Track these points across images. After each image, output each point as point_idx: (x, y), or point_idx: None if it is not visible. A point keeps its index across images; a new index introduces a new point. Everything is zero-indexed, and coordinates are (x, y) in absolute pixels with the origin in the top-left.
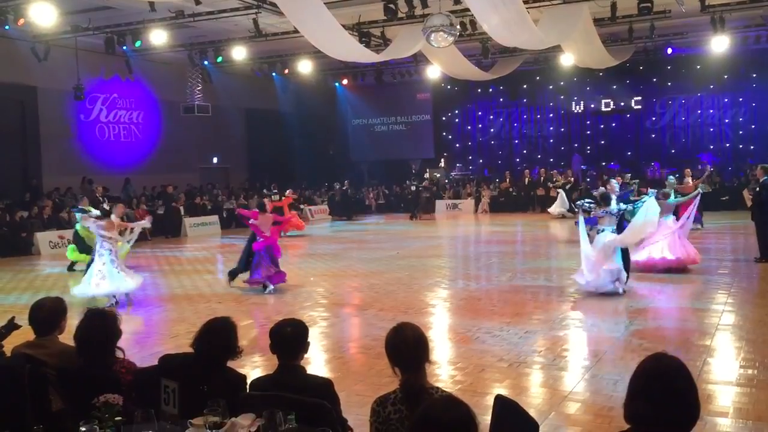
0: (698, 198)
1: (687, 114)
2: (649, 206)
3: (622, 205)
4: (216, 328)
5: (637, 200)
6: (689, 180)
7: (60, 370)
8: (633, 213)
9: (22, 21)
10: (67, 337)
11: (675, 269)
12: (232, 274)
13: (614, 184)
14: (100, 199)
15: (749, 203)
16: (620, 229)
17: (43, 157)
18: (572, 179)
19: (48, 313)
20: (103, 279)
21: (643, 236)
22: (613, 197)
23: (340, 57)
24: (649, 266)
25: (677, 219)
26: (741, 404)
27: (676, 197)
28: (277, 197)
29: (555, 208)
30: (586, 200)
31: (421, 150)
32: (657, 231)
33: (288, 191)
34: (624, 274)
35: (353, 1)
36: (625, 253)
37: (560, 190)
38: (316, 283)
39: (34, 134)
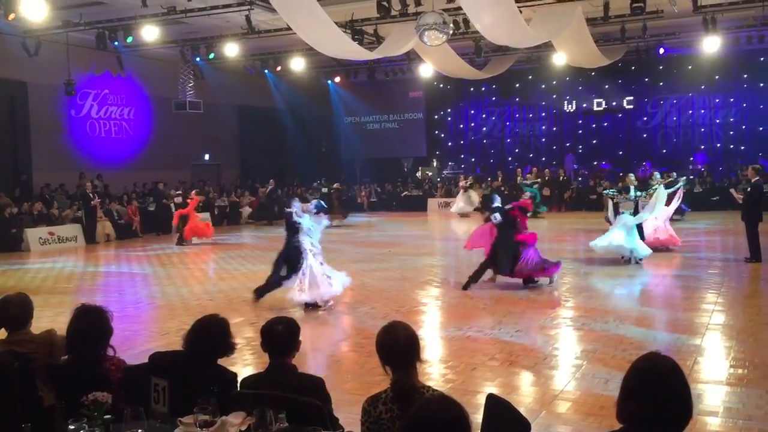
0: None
1: (678, 114)
2: (659, 193)
3: (639, 192)
4: (210, 325)
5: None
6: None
7: (48, 366)
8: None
9: (12, 16)
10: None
11: (661, 248)
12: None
13: (632, 177)
14: (91, 195)
15: (740, 201)
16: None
17: (34, 153)
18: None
19: (19, 310)
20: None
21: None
22: (632, 187)
23: (332, 54)
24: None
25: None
26: (731, 403)
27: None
28: (180, 199)
29: (456, 207)
30: (610, 190)
31: (414, 148)
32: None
33: (193, 192)
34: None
35: None
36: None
37: (469, 191)
38: None
39: (24, 130)
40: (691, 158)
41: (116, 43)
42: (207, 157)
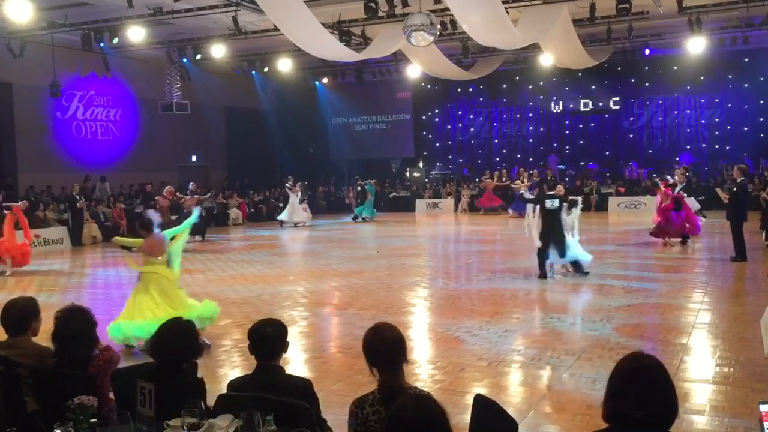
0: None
1: (664, 114)
2: None
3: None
4: (174, 330)
5: None
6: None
7: (34, 371)
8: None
9: None
10: (42, 339)
11: None
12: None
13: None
14: (77, 197)
15: (725, 200)
16: None
17: (19, 155)
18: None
19: (18, 313)
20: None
21: None
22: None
23: (320, 55)
24: None
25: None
26: (717, 402)
27: None
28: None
29: (288, 216)
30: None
31: (402, 149)
32: None
33: (21, 202)
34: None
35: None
36: None
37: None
38: (296, 283)
39: (9, 132)
40: (677, 158)
41: (102, 44)
42: (194, 158)
